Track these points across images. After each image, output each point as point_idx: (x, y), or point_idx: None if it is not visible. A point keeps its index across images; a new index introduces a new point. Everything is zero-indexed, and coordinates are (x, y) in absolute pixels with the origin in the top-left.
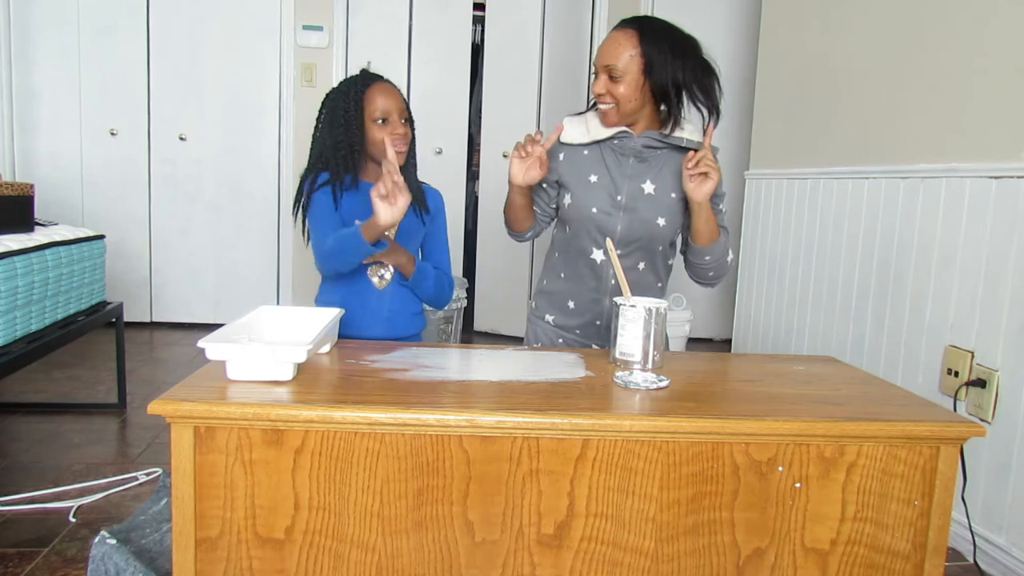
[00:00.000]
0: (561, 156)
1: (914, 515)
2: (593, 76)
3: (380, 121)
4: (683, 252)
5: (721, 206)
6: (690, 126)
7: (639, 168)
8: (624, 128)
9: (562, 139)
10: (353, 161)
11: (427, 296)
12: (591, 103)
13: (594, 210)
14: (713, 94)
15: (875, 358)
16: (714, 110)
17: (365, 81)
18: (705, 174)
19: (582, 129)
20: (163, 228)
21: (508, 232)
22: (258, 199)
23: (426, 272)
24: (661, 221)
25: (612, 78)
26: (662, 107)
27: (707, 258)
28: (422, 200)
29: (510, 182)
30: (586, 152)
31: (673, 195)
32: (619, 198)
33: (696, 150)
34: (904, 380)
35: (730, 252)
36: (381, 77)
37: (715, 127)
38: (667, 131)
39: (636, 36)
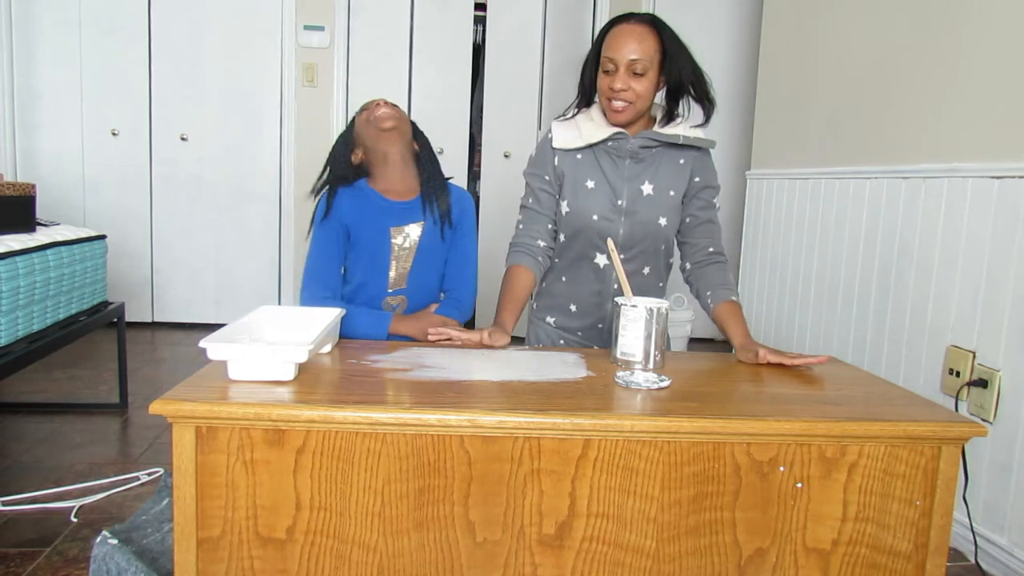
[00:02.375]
0: (556, 160)
1: (916, 515)
2: (604, 71)
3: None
4: (681, 265)
5: (715, 200)
6: (683, 122)
7: (636, 169)
8: (619, 129)
9: (554, 144)
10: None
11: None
12: (572, 107)
13: (595, 217)
14: (709, 87)
15: (876, 358)
16: (712, 102)
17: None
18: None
19: (574, 133)
20: (164, 228)
21: None
22: (259, 199)
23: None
24: (663, 221)
25: (635, 74)
26: (654, 103)
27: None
28: (447, 210)
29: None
30: (579, 156)
31: (672, 193)
32: (620, 202)
33: (690, 146)
34: (905, 380)
35: (723, 249)
36: None
37: (709, 120)
38: (662, 128)
39: (654, 31)
